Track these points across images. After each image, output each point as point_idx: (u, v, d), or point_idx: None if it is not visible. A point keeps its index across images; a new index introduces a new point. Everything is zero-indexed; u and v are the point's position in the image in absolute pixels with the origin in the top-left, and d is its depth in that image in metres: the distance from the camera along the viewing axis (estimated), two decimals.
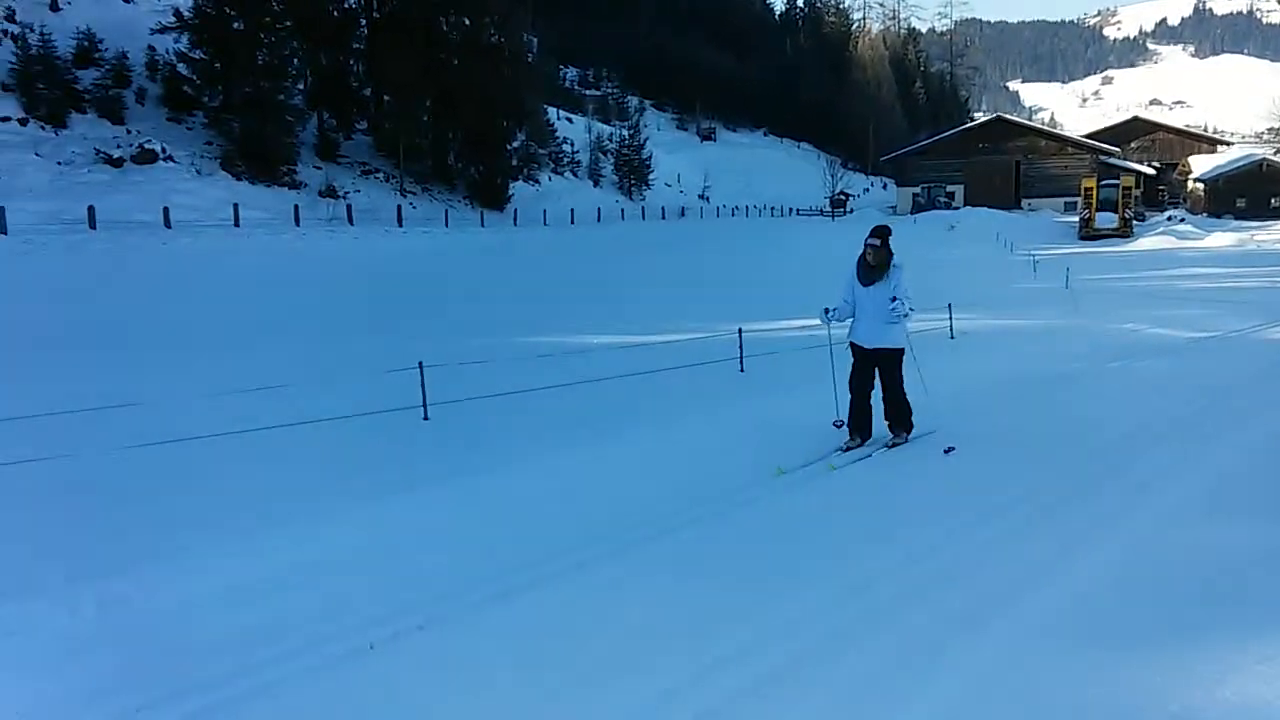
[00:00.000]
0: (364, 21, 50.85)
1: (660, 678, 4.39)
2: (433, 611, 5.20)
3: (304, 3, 43.93)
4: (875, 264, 8.70)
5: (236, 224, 33.38)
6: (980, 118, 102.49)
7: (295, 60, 44.19)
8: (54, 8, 43.71)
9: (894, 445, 8.89)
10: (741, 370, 12.61)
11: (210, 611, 5.25)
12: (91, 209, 29.01)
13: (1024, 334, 16.80)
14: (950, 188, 72.67)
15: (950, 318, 16.51)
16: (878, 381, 8.97)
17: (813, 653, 4.62)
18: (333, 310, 20.18)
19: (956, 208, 67.69)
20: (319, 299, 22.00)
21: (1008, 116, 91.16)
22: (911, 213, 68.09)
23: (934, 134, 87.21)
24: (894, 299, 8.52)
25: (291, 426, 8.78)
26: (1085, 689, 4.19)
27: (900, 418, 8.99)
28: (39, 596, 5.29)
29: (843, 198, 79.91)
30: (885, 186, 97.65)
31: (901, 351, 8.90)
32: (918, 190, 73.60)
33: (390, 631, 4.97)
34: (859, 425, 8.96)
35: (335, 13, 48.75)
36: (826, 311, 8.98)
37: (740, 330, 13.06)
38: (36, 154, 34.23)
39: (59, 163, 34.43)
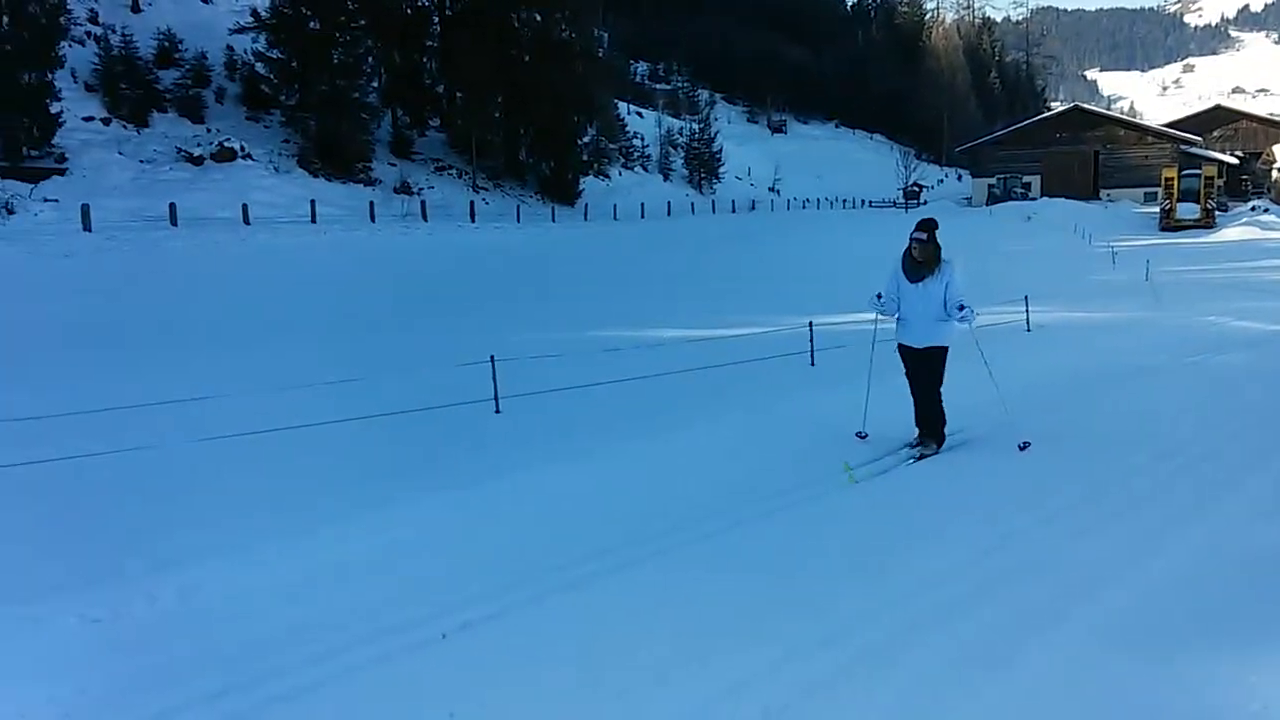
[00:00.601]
0: (437, 19, 51.25)
1: (722, 673, 4.41)
2: (496, 603, 5.28)
3: (378, 2, 44.42)
4: (922, 260, 8.24)
5: (313, 220, 33.87)
6: (1057, 107, 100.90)
7: (370, 58, 44.67)
8: (135, 9, 44.66)
9: (923, 457, 8.37)
10: (812, 364, 12.58)
11: (272, 602, 5.38)
12: (173, 206, 29.66)
13: (1102, 327, 16.58)
14: (1027, 178, 71.45)
15: (1027, 310, 16.31)
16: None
17: (878, 650, 4.62)
18: (406, 304, 20.44)
19: (1034, 199, 66.51)
20: (393, 294, 22.29)
21: (1086, 106, 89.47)
22: (987, 204, 67.19)
23: (1010, 124, 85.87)
24: (962, 307, 8.10)
25: (371, 419, 8.97)
26: (1160, 687, 4.15)
27: (933, 428, 8.53)
28: (118, 585, 5.46)
29: (916, 189, 78.77)
30: (960, 178, 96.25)
31: (946, 350, 8.45)
32: (993, 181, 72.45)
33: (459, 621, 5.06)
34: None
35: (409, 11, 49.22)
36: (878, 297, 8.61)
37: (811, 324, 13.02)
38: (120, 153, 35.02)
39: (141, 161, 35.20)
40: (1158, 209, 54.00)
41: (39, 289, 19.52)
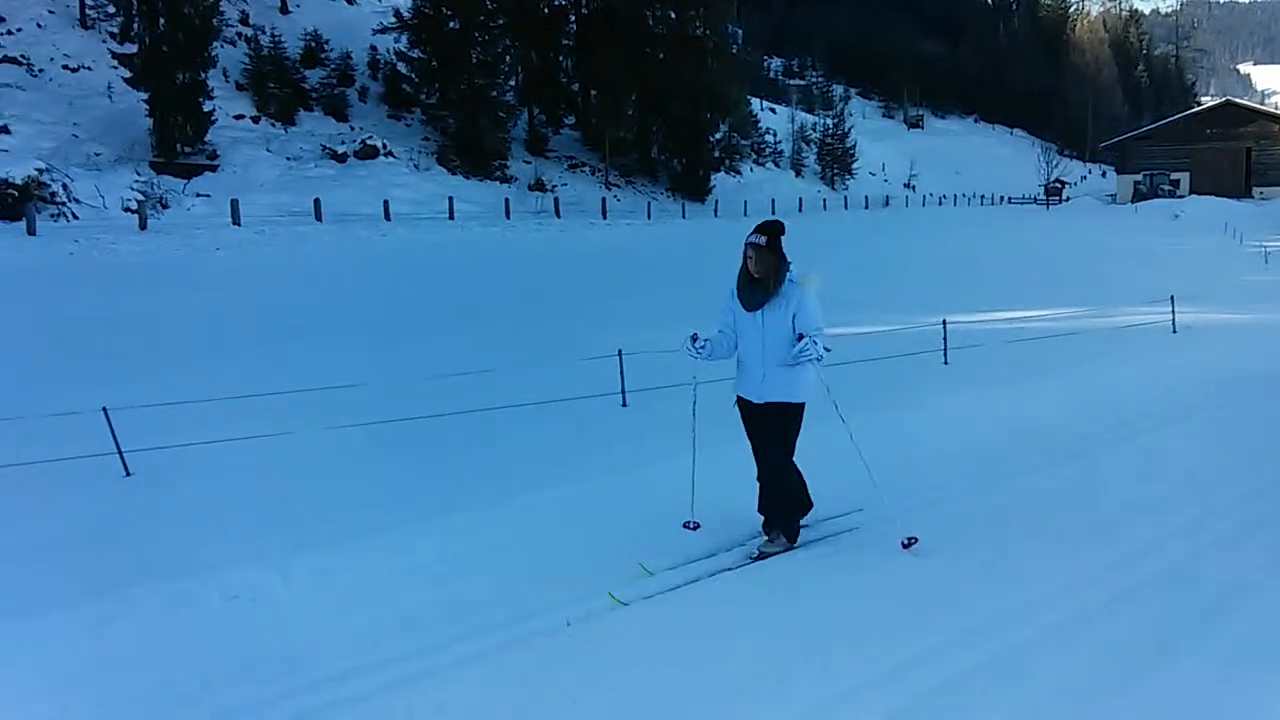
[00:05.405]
0: (573, 18, 51.79)
1: (843, 674, 4.40)
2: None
3: (517, 1, 45.04)
4: (760, 276, 5.73)
5: (451, 217, 34.54)
6: (1208, 102, 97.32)
7: (507, 58, 45.33)
8: (284, 10, 46.21)
9: (762, 556, 5.90)
10: (945, 363, 12.37)
11: (403, 587, 5.51)
12: (317, 202, 30.58)
13: (1251, 329, 15.96)
14: (1175, 175, 69.13)
15: (1173, 311, 15.80)
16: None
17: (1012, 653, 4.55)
18: (544, 299, 20.67)
19: (1181, 196, 64.30)
20: (532, 288, 22.54)
21: (1238, 100, 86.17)
22: (1132, 201, 65.27)
23: (1158, 119, 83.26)
24: (800, 337, 5.64)
25: (511, 409, 9.25)
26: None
27: (785, 509, 6.01)
28: (258, 565, 5.68)
29: (1058, 185, 76.60)
30: (1104, 174, 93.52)
31: (800, 408, 5.86)
32: (1139, 178, 70.23)
33: (583, 610, 5.14)
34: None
35: (546, 10, 49.83)
36: (693, 340, 6.02)
37: (944, 322, 12.81)
38: (268, 150, 36.28)
39: (288, 158, 36.41)
40: None
41: (199, 282, 20.27)
